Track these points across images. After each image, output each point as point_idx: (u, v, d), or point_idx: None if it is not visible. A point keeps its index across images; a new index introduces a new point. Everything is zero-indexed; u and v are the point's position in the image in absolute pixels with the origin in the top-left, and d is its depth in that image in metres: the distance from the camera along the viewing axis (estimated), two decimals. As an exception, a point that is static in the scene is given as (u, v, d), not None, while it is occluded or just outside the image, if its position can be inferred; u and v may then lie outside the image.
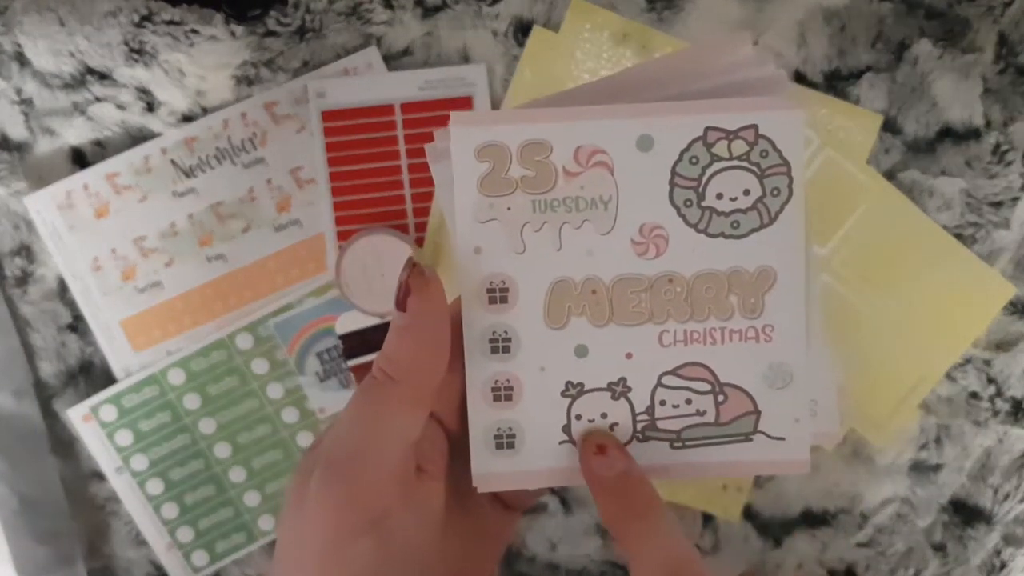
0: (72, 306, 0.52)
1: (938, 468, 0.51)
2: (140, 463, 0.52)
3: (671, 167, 0.31)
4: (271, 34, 0.49)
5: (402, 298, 0.30)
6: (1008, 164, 0.49)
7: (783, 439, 0.32)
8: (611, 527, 0.31)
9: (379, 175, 0.51)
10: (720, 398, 0.32)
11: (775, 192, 0.31)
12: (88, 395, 0.52)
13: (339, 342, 0.52)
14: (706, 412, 0.32)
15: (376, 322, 0.51)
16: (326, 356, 0.52)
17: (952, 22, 0.48)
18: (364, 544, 0.30)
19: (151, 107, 0.50)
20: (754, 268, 0.31)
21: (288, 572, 0.31)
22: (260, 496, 0.53)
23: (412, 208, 0.51)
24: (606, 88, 0.32)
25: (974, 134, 0.49)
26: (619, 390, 0.32)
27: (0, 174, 0.50)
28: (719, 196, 0.31)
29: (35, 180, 0.51)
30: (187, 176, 0.51)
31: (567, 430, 0.32)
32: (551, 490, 0.52)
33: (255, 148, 0.51)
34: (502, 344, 0.32)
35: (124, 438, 0.52)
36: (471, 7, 0.49)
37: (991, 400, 0.50)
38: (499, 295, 0.32)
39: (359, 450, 0.30)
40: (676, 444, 0.32)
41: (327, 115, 0.50)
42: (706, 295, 0.32)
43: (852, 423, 0.50)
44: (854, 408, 0.50)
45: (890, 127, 0.49)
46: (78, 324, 0.52)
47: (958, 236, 0.49)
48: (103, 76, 0.50)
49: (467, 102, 0.50)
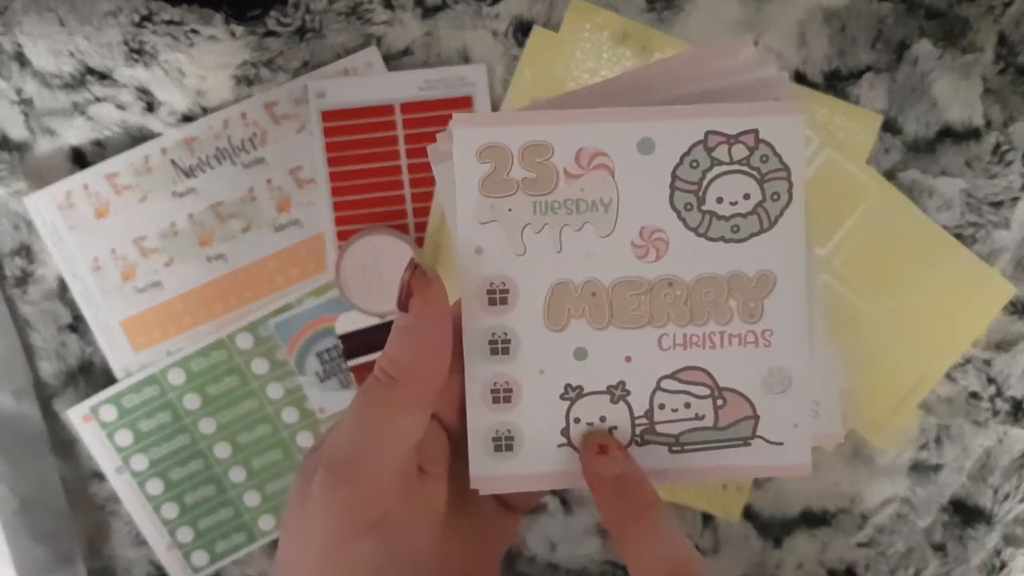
0: (72, 306, 0.52)
1: (938, 468, 0.51)
2: (140, 463, 0.52)
3: (672, 170, 0.31)
4: (271, 34, 0.49)
5: (404, 299, 0.30)
6: (1008, 164, 0.49)
7: (781, 444, 0.32)
8: (611, 527, 0.31)
9: (379, 175, 0.51)
10: (719, 402, 0.32)
11: (775, 197, 0.31)
12: (88, 395, 0.52)
13: (339, 342, 0.52)
14: (705, 416, 0.32)
15: (376, 322, 0.51)
16: (326, 356, 0.52)
17: (952, 22, 0.48)
18: (366, 545, 0.30)
19: (151, 107, 0.50)
20: (754, 272, 0.31)
21: (290, 572, 0.31)
22: (260, 496, 0.53)
23: (412, 208, 0.51)
24: (607, 90, 0.32)
25: (974, 134, 0.49)
26: (618, 393, 0.32)
27: (0, 174, 0.50)
28: (719, 200, 0.31)
29: (35, 180, 0.51)
30: (187, 176, 0.51)
31: (566, 433, 0.32)
32: (551, 490, 0.52)
33: (255, 148, 0.51)
34: (501, 346, 0.32)
35: (124, 438, 0.52)
36: (471, 7, 0.49)
37: (991, 400, 0.50)
38: (499, 296, 0.31)
39: (361, 451, 0.30)
40: (675, 448, 0.32)
41: (327, 115, 0.50)
42: (706, 299, 0.31)
43: (852, 423, 0.50)
44: (854, 408, 0.50)
45: (890, 127, 0.49)
46: (78, 324, 0.52)
47: (958, 236, 0.49)
48: (103, 76, 0.50)
49: (467, 102, 0.50)
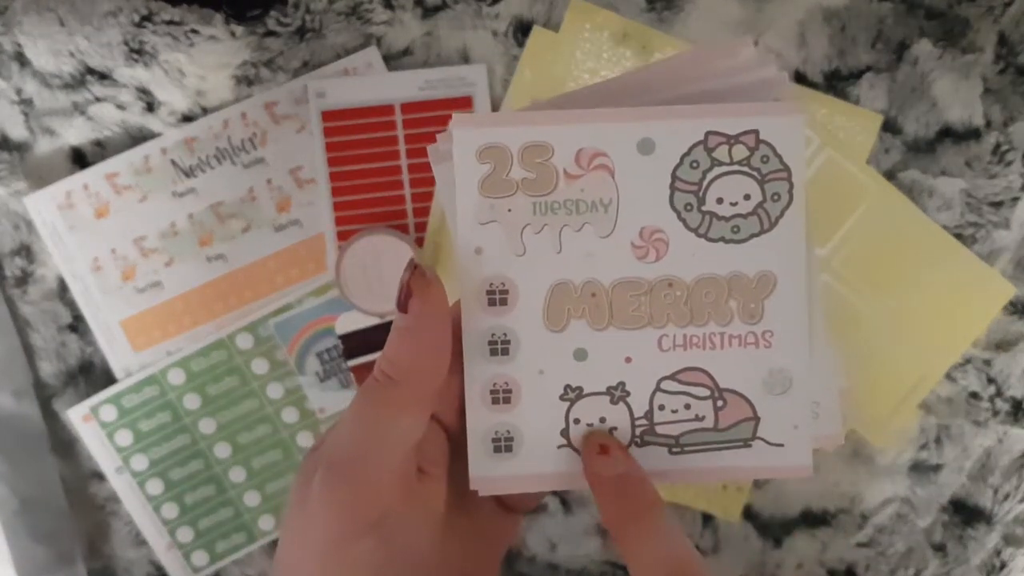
0: (72, 306, 0.52)
1: (938, 468, 0.51)
2: (140, 463, 0.52)
3: (672, 171, 0.31)
4: (271, 34, 0.49)
5: (403, 300, 0.30)
6: (1008, 164, 0.49)
7: (782, 445, 0.32)
8: (612, 528, 0.31)
9: (379, 175, 0.51)
10: (719, 403, 0.32)
11: (775, 197, 0.31)
12: (88, 395, 0.52)
13: (339, 342, 0.52)
14: (705, 417, 0.32)
15: (376, 322, 0.51)
16: (326, 356, 0.52)
17: (952, 22, 0.48)
18: (366, 545, 0.30)
19: (151, 107, 0.50)
20: (754, 273, 0.31)
21: (289, 573, 0.31)
22: (260, 496, 0.53)
23: (412, 208, 0.51)
24: (608, 90, 0.32)
25: (974, 134, 0.49)
26: (618, 394, 0.32)
27: (0, 174, 0.50)
28: (719, 201, 0.31)
29: (35, 180, 0.51)
30: (187, 176, 0.51)
31: (565, 434, 0.32)
32: (551, 491, 0.52)
33: (255, 148, 0.51)
34: (501, 346, 0.32)
35: (124, 438, 0.52)
36: (471, 7, 0.49)
37: (991, 400, 0.50)
38: (499, 297, 0.31)
39: (361, 452, 0.30)
40: (675, 449, 0.32)
41: (327, 115, 0.50)
42: (706, 300, 0.31)
43: (852, 423, 0.50)
44: (854, 408, 0.50)
45: (890, 127, 0.49)
46: (78, 324, 0.52)
47: (958, 236, 0.49)
48: (103, 76, 0.50)
49: (467, 102, 0.50)
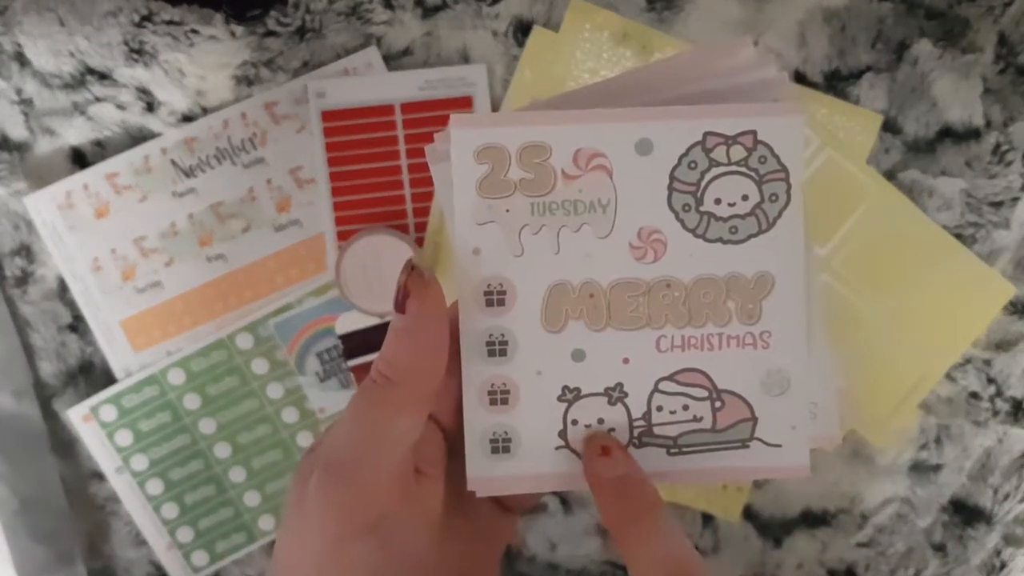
0: (72, 306, 0.52)
1: (938, 468, 0.51)
2: (140, 463, 0.52)
3: (670, 171, 0.31)
4: (271, 34, 0.49)
5: (401, 301, 0.30)
6: (1008, 164, 0.49)
7: (779, 446, 0.32)
8: (612, 528, 0.31)
9: (379, 175, 0.51)
10: (717, 404, 0.32)
11: (773, 198, 0.31)
12: (88, 395, 0.52)
13: (339, 342, 0.52)
14: (703, 418, 0.32)
15: (376, 322, 0.51)
16: (326, 356, 0.52)
17: (952, 22, 0.48)
18: (363, 546, 0.30)
19: (151, 107, 0.50)
20: (752, 274, 0.31)
21: (287, 573, 0.31)
22: (260, 496, 0.53)
23: (412, 208, 0.51)
24: (606, 91, 0.32)
25: (974, 134, 0.49)
26: (616, 395, 0.32)
27: (0, 174, 0.50)
28: (717, 201, 0.31)
29: (35, 180, 0.51)
30: (187, 176, 0.51)
31: (563, 435, 0.32)
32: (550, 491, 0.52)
33: (255, 148, 0.51)
34: (499, 347, 0.32)
35: (124, 438, 0.52)
36: (471, 7, 0.49)
37: (991, 400, 0.50)
38: (496, 297, 0.31)
39: (358, 452, 0.30)
40: (673, 450, 0.32)
41: (327, 115, 0.50)
42: (704, 300, 0.31)
43: (852, 423, 0.50)
44: (854, 408, 0.50)
45: (890, 127, 0.49)
46: (78, 324, 0.52)
47: (958, 236, 0.49)
48: (103, 76, 0.50)
49: (467, 102, 0.50)
